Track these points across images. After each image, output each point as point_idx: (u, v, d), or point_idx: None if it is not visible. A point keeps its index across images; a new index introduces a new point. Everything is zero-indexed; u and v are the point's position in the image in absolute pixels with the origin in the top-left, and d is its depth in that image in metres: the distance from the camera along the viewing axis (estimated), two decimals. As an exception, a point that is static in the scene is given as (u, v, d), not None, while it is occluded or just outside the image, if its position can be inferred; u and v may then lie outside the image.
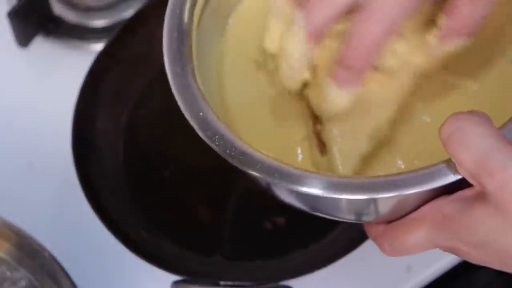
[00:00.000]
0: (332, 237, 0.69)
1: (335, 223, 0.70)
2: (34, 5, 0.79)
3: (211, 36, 0.52)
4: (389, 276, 0.70)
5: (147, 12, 0.76)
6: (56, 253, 0.63)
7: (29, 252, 0.63)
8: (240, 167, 0.44)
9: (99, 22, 0.83)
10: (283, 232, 0.70)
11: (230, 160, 0.44)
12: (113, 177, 0.72)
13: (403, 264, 0.71)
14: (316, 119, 0.50)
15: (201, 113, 0.46)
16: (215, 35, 0.53)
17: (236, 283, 0.65)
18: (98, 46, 0.78)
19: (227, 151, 0.45)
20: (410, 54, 0.48)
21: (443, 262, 0.71)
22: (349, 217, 0.48)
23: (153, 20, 0.76)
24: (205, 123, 0.45)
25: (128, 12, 0.82)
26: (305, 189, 0.43)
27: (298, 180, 0.43)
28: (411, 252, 0.46)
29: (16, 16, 0.77)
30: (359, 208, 0.46)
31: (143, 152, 0.74)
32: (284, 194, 0.47)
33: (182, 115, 0.75)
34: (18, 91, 0.80)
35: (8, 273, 0.63)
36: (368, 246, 0.64)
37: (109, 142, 0.73)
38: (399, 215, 0.46)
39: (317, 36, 0.46)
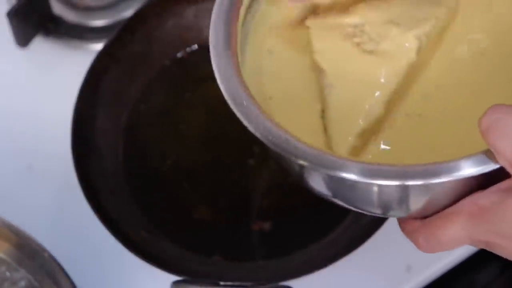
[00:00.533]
0: (332, 237, 0.69)
1: (335, 223, 0.70)
2: (33, 5, 0.79)
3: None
4: (389, 276, 0.70)
5: (146, 12, 0.76)
6: (55, 254, 0.63)
7: (29, 253, 0.63)
8: (282, 153, 0.45)
9: (98, 22, 0.83)
10: (283, 232, 0.70)
11: (271, 146, 0.45)
12: (113, 177, 0.72)
13: (403, 264, 0.70)
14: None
15: (244, 103, 0.47)
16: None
17: (236, 283, 0.65)
18: (98, 46, 0.78)
19: (269, 137, 0.45)
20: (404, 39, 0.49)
21: (444, 262, 0.71)
22: (385, 212, 0.48)
23: (152, 20, 0.76)
24: (248, 113, 0.47)
25: (127, 12, 0.82)
26: (352, 176, 0.43)
27: (341, 167, 0.44)
28: (446, 247, 0.46)
29: (16, 16, 0.77)
30: (397, 200, 0.46)
31: (143, 152, 0.74)
32: (321, 183, 0.48)
33: (182, 116, 0.75)
34: (18, 91, 0.80)
35: (8, 274, 0.63)
36: (368, 246, 0.64)
37: (108, 142, 0.73)
38: (435, 210, 0.46)
39: None
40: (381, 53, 0.50)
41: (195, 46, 0.78)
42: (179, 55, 0.78)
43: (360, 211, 0.49)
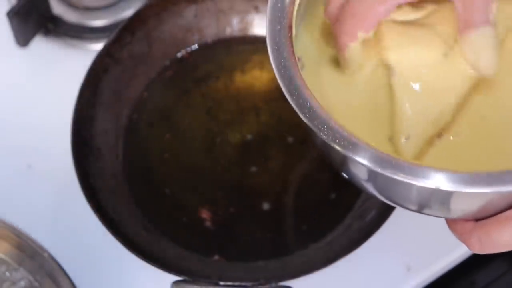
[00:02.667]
0: (332, 238, 0.69)
1: (335, 223, 0.70)
2: (33, 5, 0.79)
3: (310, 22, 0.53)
4: (389, 277, 0.70)
5: (146, 12, 0.76)
6: (55, 254, 0.63)
7: (29, 253, 0.63)
8: (351, 156, 0.45)
9: (98, 22, 0.83)
10: (283, 232, 0.70)
11: (340, 148, 0.45)
12: (113, 177, 0.72)
13: (403, 265, 0.70)
14: None
15: (307, 103, 0.47)
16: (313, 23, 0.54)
17: (236, 283, 0.65)
18: (98, 46, 0.78)
19: (336, 140, 0.45)
20: None
21: (443, 262, 0.71)
22: (436, 213, 0.49)
23: (152, 20, 0.76)
24: (312, 113, 0.46)
25: (127, 12, 0.82)
26: (415, 181, 0.44)
27: (410, 171, 0.44)
28: (501, 249, 0.47)
29: (16, 15, 0.77)
30: (453, 204, 0.47)
31: (142, 152, 0.74)
32: (382, 186, 0.48)
33: (182, 116, 0.75)
34: (18, 91, 0.80)
35: (7, 274, 0.63)
36: (368, 246, 0.64)
37: (108, 142, 0.73)
38: (490, 213, 0.47)
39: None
40: (454, 56, 0.49)
41: (195, 46, 0.78)
42: (179, 55, 0.78)
43: (403, 207, 0.50)
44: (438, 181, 0.44)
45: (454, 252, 0.71)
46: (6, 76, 0.80)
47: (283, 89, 0.47)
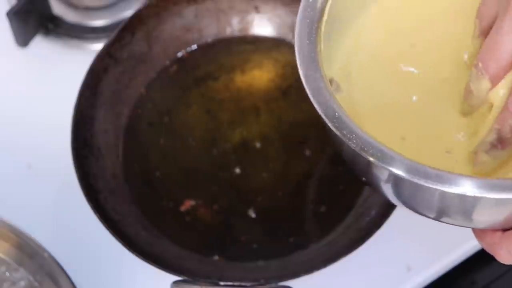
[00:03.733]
0: (332, 238, 0.69)
1: (335, 224, 0.70)
2: (33, 4, 0.79)
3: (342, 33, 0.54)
4: (390, 277, 0.70)
5: (146, 12, 0.76)
6: (55, 254, 0.63)
7: (29, 253, 0.63)
8: (379, 164, 0.46)
9: (98, 22, 0.83)
10: (283, 232, 0.70)
11: (368, 157, 0.46)
12: (113, 177, 0.72)
13: (403, 265, 0.70)
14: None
15: (336, 114, 0.47)
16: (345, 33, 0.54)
17: (236, 283, 0.65)
18: (98, 46, 0.78)
19: (364, 148, 0.46)
20: None
21: (443, 262, 0.71)
22: (467, 223, 0.49)
23: (152, 20, 0.76)
24: (340, 122, 0.47)
25: (127, 12, 0.82)
26: (442, 187, 0.44)
27: (438, 178, 0.44)
28: None
29: (16, 15, 0.77)
30: (484, 212, 0.47)
31: (142, 152, 0.74)
32: (410, 194, 0.48)
33: (182, 115, 0.75)
34: (17, 91, 0.80)
35: (7, 274, 0.63)
36: (368, 247, 0.64)
37: (108, 142, 0.73)
38: None
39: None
40: None
41: (195, 46, 0.78)
42: (179, 55, 0.78)
43: (428, 216, 0.50)
44: (465, 187, 0.44)
45: (455, 252, 0.71)
46: (6, 76, 0.80)
47: (315, 105, 0.48)
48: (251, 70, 0.77)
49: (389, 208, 0.66)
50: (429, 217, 0.50)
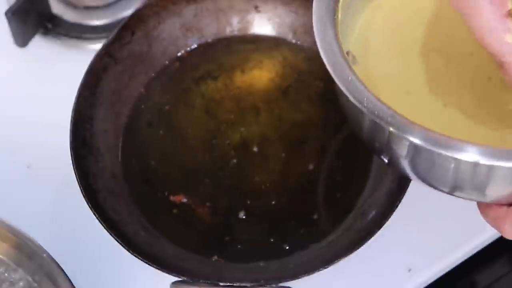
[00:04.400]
0: (333, 238, 0.69)
1: (335, 224, 0.69)
2: (32, 4, 0.79)
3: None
4: (390, 277, 0.70)
5: (146, 12, 0.76)
6: (54, 254, 0.63)
7: (28, 253, 0.63)
8: (389, 127, 0.47)
9: (98, 22, 0.82)
10: (283, 232, 0.70)
11: (378, 121, 0.47)
12: (112, 177, 0.72)
13: (404, 265, 0.70)
14: None
15: (349, 78, 0.49)
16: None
17: (236, 284, 0.64)
18: (97, 46, 0.78)
19: (375, 112, 0.47)
20: None
21: (444, 263, 0.71)
22: (474, 195, 0.50)
23: (152, 20, 0.76)
24: (359, 93, 0.48)
25: (127, 12, 0.82)
26: (455, 155, 0.45)
27: (453, 146, 0.45)
28: None
29: (15, 15, 0.77)
30: (489, 184, 0.47)
31: (142, 152, 0.74)
32: (421, 161, 0.49)
33: (182, 115, 0.75)
34: (17, 91, 0.80)
35: (6, 274, 0.63)
36: (368, 247, 0.64)
37: (108, 142, 0.73)
38: None
39: None
40: None
41: (195, 46, 0.78)
42: (179, 54, 0.77)
43: (439, 189, 0.51)
44: (477, 155, 0.45)
45: (455, 253, 0.71)
46: (5, 76, 0.80)
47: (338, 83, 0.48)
48: (251, 69, 0.77)
49: (389, 208, 0.66)
50: (442, 191, 0.51)
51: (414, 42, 0.54)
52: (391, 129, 0.47)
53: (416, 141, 0.46)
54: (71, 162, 0.68)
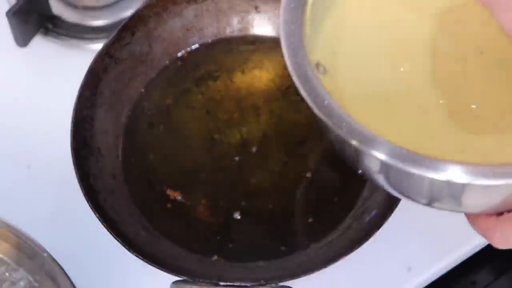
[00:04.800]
0: (333, 238, 0.69)
1: (335, 224, 0.70)
2: (33, 4, 0.79)
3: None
4: (390, 277, 0.70)
5: (146, 12, 0.76)
6: (55, 254, 0.63)
7: (28, 253, 0.63)
8: (367, 150, 0.45)
9: (98, 22, 0.82)
10: (283, 232, 0.70)
11: (353, 142, 0.46)
12: (113, 178, 0.72)
13: (403, 265, 0.70)
14: None
15: (324, 101, 0.48)
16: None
17: (236, 283, 0.65)
18: (98, 46, 0.78)
19: (351, 134, 0.46)
20: None
21: (444, 262, 0.71)
22: (456, 208, 0.48)
23: (152, 20, 0.76)
24: (328, 110, 0.47)
25: (127, 12, 0.82)
26: (431, 174, 0.43)
27: (430, 166, 0.44)
28: None
29: (15, 15, 0.77)
30: (476, 198, 0.46)
31: (142, 152, 0.74)
32: (400, 180, 0.48)
33: (182, 116, 0.75)
34: (17, 91, 0.80)
35: (7, 274, 0.63)
36: (368, 247, 0.64)
37: (108, 142, 0.73)
38: None
39: None
40: None
41: (195, 46, 0.78)
42: (179, 54, 0.78)
43: (422, 203, 0.49)
44: (452, 173, 0.43)
45: (455, 252, 0.71)
46: (5, 76, 0.80)
47: (302, 92, 0.47)
48: (251, 70, 0.77)
49: (389, 208, 0.66)
50: (421, 203, 0.50)
51: (380, 49, 0.53)
52: (354, 143, 0.45)
53: (382, 157, 0.45)
54: (71, 162, 0.68)
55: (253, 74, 0.77)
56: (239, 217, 0.71)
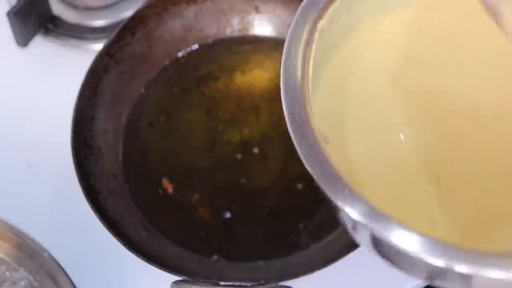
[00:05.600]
0: (332, 238, 0.69)
1: (335, 224, 0.70)
2: (33, 4, 0.79)
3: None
4: (390, 277, 0.70)
5: (146, 12, 0.76)
6: (55, 254, 0.63)
7: (29, 253, 0.63)
8: (378, 233, 0.45)
9: (98, 22, 0.82)
10: (283, 232, 0.70)
11: (362, 220, 0.46)
12: (113, 177, 0.72)
13: (403, 265, 0.70)
14: None
15: (331, 179, 0.48)
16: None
17: (236, 283, 0.65)
18: (98, 46, 0.78)
19: (357, 209, 0.46)
20: None
21: (444, 262, 0.71)
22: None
23: (152, 20, 0.76)
24: (334, 186, 0.48)
25: (127, 12, 0.82)
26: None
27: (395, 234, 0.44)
28: None
29: (16, 15, 0.77)
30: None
31: (142, 152, 0.74)
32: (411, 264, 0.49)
33: (182, 116, 0.75)
34: (18, 91, 0.80)
35: (7, 274, 0.63)
36: (368, 246, 0.64)
37: (108, 142, 0.73)
38: None
39: None
40: None
41: (195, 46, 0.78)
42: (179, 55, 0.78)
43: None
44: (418, 250, 0.44)
45: (454, 252, 0.71)
46: (5, 76, 0.80)
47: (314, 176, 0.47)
48: (251, 70, 0.77)
49: (389, 208, 0.66)
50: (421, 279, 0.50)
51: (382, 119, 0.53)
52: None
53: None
54: (71, 161, 0.69)
55: (253, 74, 0.77)
56: (239, 217, 0.71)
